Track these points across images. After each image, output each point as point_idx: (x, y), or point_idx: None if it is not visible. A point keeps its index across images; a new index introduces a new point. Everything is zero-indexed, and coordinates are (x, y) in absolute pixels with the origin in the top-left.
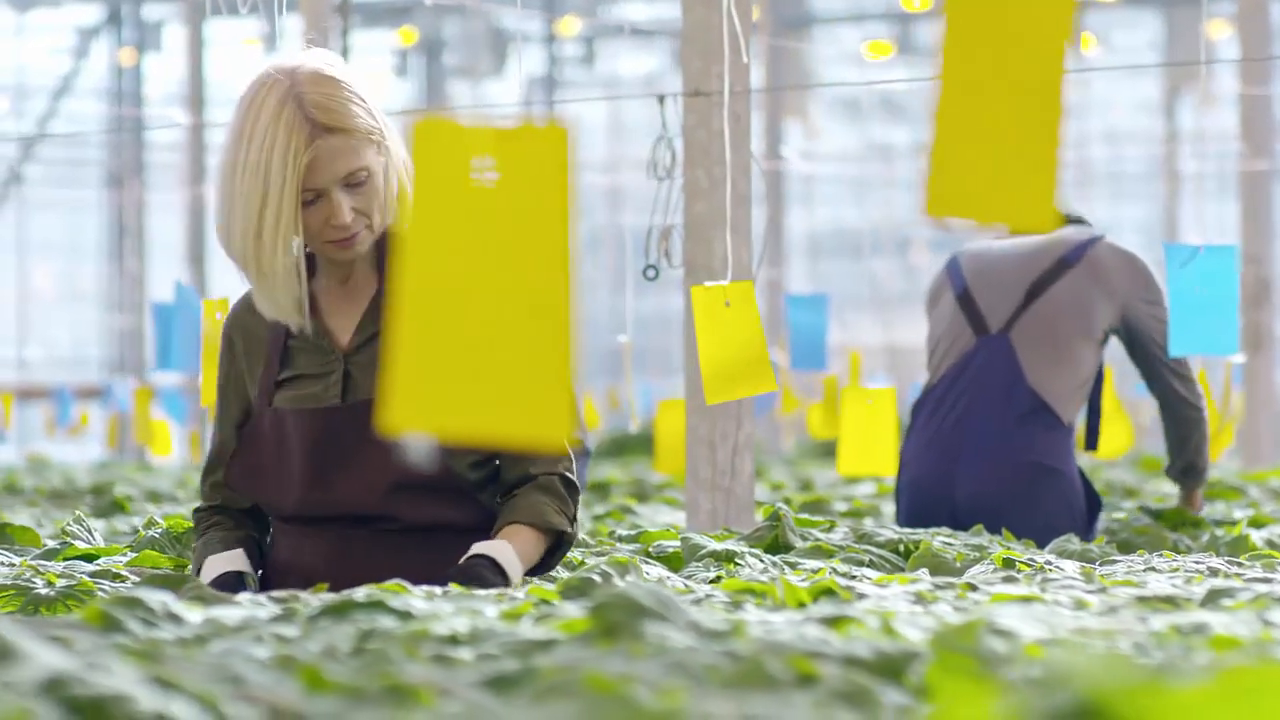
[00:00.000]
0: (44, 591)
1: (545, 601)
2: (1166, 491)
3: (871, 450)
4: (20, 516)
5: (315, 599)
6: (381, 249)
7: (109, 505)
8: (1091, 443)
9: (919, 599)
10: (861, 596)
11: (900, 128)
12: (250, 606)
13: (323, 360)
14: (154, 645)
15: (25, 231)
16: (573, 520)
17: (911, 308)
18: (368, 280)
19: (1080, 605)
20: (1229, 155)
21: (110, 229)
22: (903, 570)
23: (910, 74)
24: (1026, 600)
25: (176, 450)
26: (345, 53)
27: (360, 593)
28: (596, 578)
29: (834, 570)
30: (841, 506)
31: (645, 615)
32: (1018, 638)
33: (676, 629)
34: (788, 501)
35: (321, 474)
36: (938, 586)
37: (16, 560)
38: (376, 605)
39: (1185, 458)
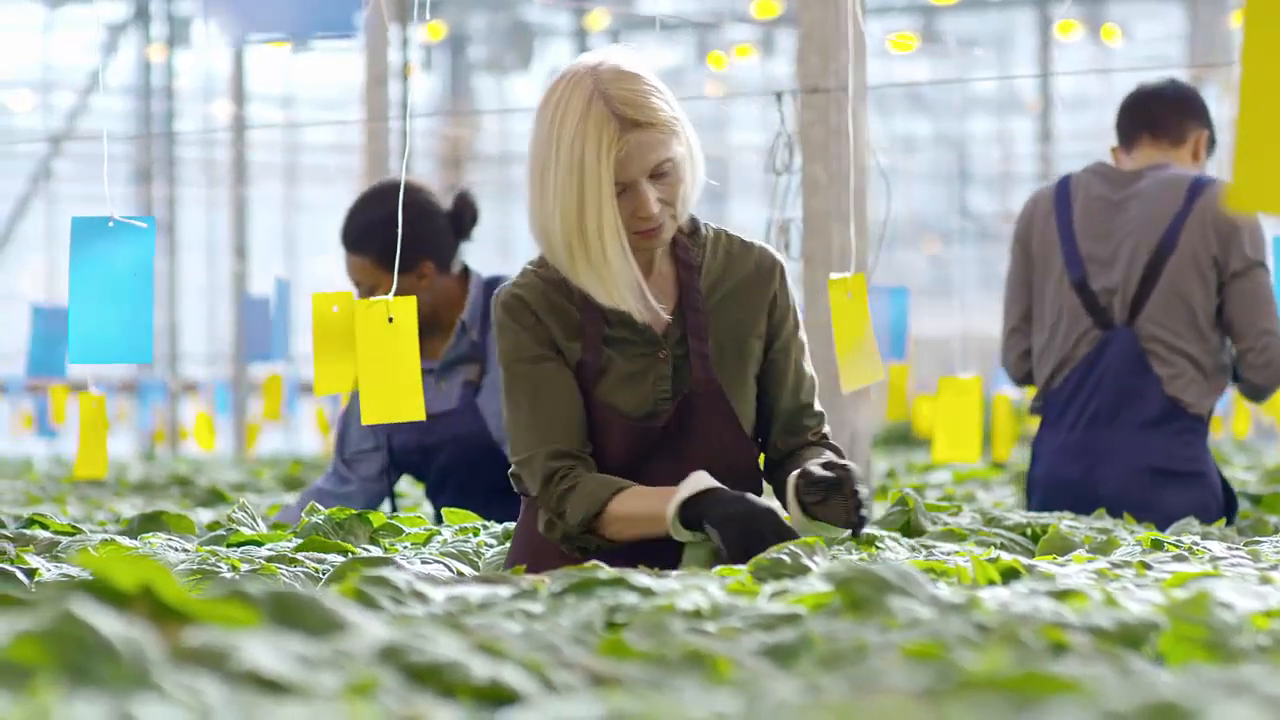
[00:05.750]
0: (229, 575)
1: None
2: (1243, 479)
3: (964, 438)
4: (125, 507)
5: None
6: (677, 239)
7: (208, 495)
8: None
9: (1101, 576)
10: (1046, 576)
11: (922, 119)
12: (487, 585)
13: (644, 348)
14: (456, 618)
15: (54, 227)
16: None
17: (934, 299)
18: (669, 270)
19: (1266, 580)
20: None
21: None
22: (1033, 552)
23: (934, 66)
24: (1208, 576)
25: (220, 444)
26: (405, 45)
27: (602, 570)
28: (786, 558)
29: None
30: (932, 495)
31: (889, 589)
32: (1239, 609)
33: (920, 602)
34: (884, 490)
35: (636, 472)
36: (1114, 565)
37: (189, 546)
38: (619, 582)
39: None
